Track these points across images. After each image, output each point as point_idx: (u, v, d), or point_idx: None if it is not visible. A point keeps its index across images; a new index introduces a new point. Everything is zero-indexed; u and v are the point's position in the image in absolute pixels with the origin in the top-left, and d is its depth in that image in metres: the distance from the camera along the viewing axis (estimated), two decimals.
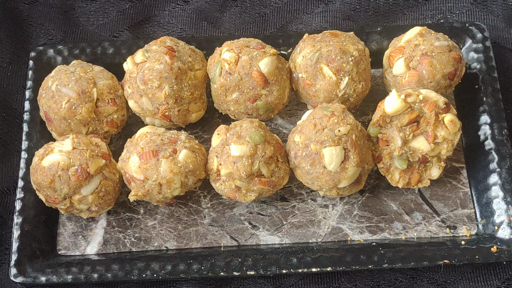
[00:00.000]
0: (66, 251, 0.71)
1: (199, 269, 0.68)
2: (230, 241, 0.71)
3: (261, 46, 0.72)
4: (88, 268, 0.69)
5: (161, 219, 0.73)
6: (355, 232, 0.72)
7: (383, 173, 0.71)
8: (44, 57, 0.79)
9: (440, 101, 0.68)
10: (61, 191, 0.67)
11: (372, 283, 0.70)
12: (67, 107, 0.70)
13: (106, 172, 0.69)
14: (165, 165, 0.67)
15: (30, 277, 0.68)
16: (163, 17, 0.87)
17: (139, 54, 0.73)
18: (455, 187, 0.74)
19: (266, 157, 0.67)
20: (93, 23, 0.87)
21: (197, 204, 0.73)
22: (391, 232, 0.72)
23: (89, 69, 0.73)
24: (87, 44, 0.80)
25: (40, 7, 0.88)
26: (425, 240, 0.71)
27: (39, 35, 0.86)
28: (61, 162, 0.67)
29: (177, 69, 0.71)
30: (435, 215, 0.72)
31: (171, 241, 0.72)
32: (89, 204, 0.69)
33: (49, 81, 0.72)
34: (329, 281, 0.70)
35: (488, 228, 0.71)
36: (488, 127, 0.74)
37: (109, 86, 0.73)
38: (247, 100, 0.72)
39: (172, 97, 0.71)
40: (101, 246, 0.71)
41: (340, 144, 0.67)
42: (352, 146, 0.67)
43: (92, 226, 0.72)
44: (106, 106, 0.72)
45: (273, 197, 0.74)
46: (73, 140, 0.68)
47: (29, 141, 0.74)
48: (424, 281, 0.70)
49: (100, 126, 0.73)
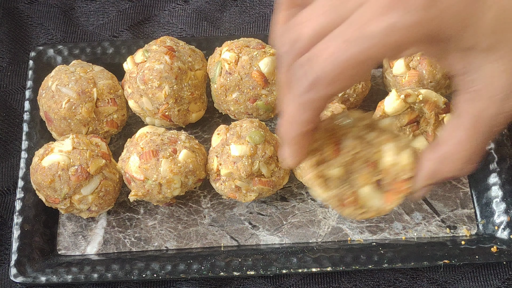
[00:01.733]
0: (66, 251, 0.71)
1: (199, 269, 0.68)
2: (230, 241, 0.71)
3: (261, 46, 0.72)
4: (88, 268, 0.69)
5: (161, 219, 0.73)
6: (355, 232, 0.72)
7: None
8: (44, 57, 0.79)
9: (440, 101, 0.68)
10: (61, 191, 0.67)
11: (372, 283, 0.70)
12: (67, 107, 0.70)
13: (106, 172, 0.69)
14: (165, 165, 0.67)
15: (30, 277, 0.68)
16: (163, 17, 0.87)
17: (139, 54, 0.73)
18: (455, 187, 0.74)
19: (266, 157, 0.67)
20: (93, 23, 0.87)
21: (197, 204, 0.73)
22: (391, 232, 0.72)
23: (89, 69, 0.73)
24: (87, 44, 0.80)
25: (40, 7, 0.88)
26: (425, 240, 0.71)
27: (39, 35, 0.86)
28: (61, 162, 0.67)
29: (177, 69, 0.71)
30: (435, 215, 0.72)
31: (171, 241, 0.72)
32: (89, 204, 0.69)
33: (49, 81, 0.72)
34: (329, 281, 0.70)
35: (488, 228, 0.71)
36: None
37: (109, 86, 0.73)
38: (247, 100, 0.72)
39: (172, 97, 0.71)
40: (101, 246, 0.71)
41: None
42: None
43: (92, 226, 0.72)
44: (106, 106, 0.72)
45: (273, 197, 0.74)
46: (73, 140, 0.68)
47: (29, 141, 0.74)
48: (424, 281, 0.70)
49: (100, 126, 0.73)
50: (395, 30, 0.42)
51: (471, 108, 0.46)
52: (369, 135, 0.54)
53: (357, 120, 0.54)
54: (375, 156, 0.54)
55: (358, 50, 0.42)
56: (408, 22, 0.42)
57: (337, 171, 0.54)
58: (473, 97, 0.46)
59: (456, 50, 0.45)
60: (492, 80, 0.44)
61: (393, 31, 0.42)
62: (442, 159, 0.49)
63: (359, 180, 0.55)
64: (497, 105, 0.45)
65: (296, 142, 0.49)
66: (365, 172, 0.55)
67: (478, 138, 0.47)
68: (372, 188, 0.55)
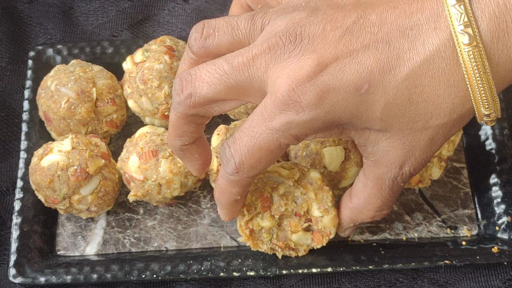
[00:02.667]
0: (65, 251, 0.71)
1: (199, 270, 0.68)
2: (230, 242, 0.71)
3: None
4: (88, 268, 0.68)
5: (160, 219, 0.72)
6: (355, 232, 0.71)
7: None
8: (43, 57, 0.79)
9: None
10: (60, 191, 0.67)
11: (373, 284, 0.70)
12: (67, 107, 0.70)
13: (106, 172, 0.68)
14: (165, 165, 0.67)
15: (29, 278, 0.68)
16: (163, 17, 0.87)
17: (139, 54, 0.72)
18: (456, 187, 0.74)
19: None
20: (92, 23, 0.87)
21: (197, 205, 0.73)
22: (391, 233, 0.71)
23: (89, 68, 0.73)
24: (86, 43, 0.80)
25: (39, 6, 0.88)
26: (426, 241, 0.71)
27: (38, 34, 0.86)
28: (61, 162, 0.66)
29: (176, 69, 0.71)
30: (436, 215, 0.72)
31: (170, 242, 0.71)
32: (88, 204, 0.69)
33: (48, 81, 0.72)
34: (330, 282, 0.70)
35: (489, 229, 0.71)
36: (489, 127, 0.74)
37: (108, 85, 0.72)
38: None
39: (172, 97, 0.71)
40: (101, 246, 0.71)
41: (340, 144, 0.67)
42: (353, 146, 0.67)
43: (92, 227, 0.72)
44: (106, 106, 0.72)
45: None
46: (73, 140, 0.68)
47: (28, 141, 0.74)
48: (425, 281, 0.70)
49: (99, 126, 0.73)
50: (292, 126, 0.50)
51: (373, 172, 0.56)
52: (296, 191, 0.64)
53: (286, 178, 0.63)
54: (302, 209, 0.64)
55: (267, 142, 0.51)
56: (302, 120, 0.50)
57: (268, 223, 0.64)
58: (374, 164, 0.55)
59: (354, 130, 0.53)
60: (387, 153, 0.53)
61: (291, 127, 0.50)
62: (356, 210, 0.61)
63: (290, 225, 0.65)
64: (395, 170, 0.54)
65: (228, 208, 0.60)
66: (294, 220, 0.64)
67: (383, 195, 0.57)
68: (302, 232, 0.65)
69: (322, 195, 0.63)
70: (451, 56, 0.48)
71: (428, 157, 0.54)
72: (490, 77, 0.48)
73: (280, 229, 0.65)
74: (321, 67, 0.48)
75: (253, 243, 0.65)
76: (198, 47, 0.54)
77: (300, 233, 0.65)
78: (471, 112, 0.50)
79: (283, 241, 0.65)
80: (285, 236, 0.65)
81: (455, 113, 0.50)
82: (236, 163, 0.53)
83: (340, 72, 0.48)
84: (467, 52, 0.47)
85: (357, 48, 0.48)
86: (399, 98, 0.49)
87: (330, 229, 0.64)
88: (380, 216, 0.60)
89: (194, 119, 0.56)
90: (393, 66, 0.48)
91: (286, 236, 0.65)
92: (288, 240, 0.65)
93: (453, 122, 0.51)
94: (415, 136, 0.52)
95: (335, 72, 0.48)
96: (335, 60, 0.48)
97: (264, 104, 0.51)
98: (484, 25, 0.47)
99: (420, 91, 0.49)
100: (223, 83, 0.52)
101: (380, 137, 0.52)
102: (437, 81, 0.48)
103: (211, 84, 0.52)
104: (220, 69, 0.52)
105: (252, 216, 0.64)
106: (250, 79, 0.51)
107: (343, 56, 0.48)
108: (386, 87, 0.49)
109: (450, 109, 0.50)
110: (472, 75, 0.47)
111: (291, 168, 0.63)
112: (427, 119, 0.50)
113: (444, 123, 0.51)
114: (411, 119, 0.50)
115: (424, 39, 0.48)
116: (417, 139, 0.52)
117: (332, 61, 0.48)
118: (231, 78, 0.51)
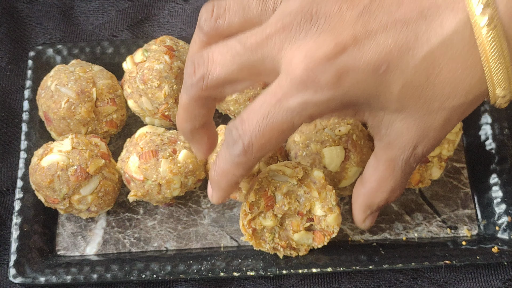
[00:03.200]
0: (65, 251, 0.71)
1: (199, 270, 0.68)
2: (230, 242, 0.71)
3: None
4: (88, 268, 0.68)
5: (160, 219, 0.72)
6: (355, 232, 0.71)
7: None
8: (43, 57, 0.79)
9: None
10: (60, 191, 0.67)
11: (373, 284, 0.70)
12: (67, 107, 0.70)
13: (106, 172, 0.68)
14: (165, 165, 0.67)
15: (29, 278, 0.68)
16: (163, 17, 0.87)
17: (139, 54, 0.72)
18: (456, 187, 0.74)
19: (266, 157, 0.67)
20: (92, 23, 0.87)
21: (197, 205, 0.73)
22: (391, 233, 0.71)
23: (89, 68, 0.73)
24: (86, 43, 0.80)
25: (39, 6, 0.88)
26: (426, 241, 0.70)
27: (38, 34, 0.86)
28: (61, 162, 0.66)
29: (176, 69, 0.71)
30: (436, 215, 0.72)
31: (170, 242, 0.71)
32: (88, 204, 0.69)
33: (48, 81, 0.72)
34: (330, 282, 0.70)
35: (489, 229, 0.71)
36: (489, 127, 0.74)
37: (108, 85, 0.72)
38: (247, 100, 0.72)
39: (172, 97, 0.71)
40: (101, 246, 0.71)
41: (340, 144, 0.67)
42: (353, 146, 0.67)
43: (92, 227, 0.72)
44: (106, 106, 0.72)
45: None
46: (73, 140, 0.68)
47: (28, 141, 0.74)
48: (425, 281, 0.70)
49: (99, 126, 0.73)
50: (309, 106, 0.49)
51: (386, 155, 0.55)
52: (299, 190, 0.64)
53: (289, 177, 0.63)
54: (305, 208, 0.64)
55: (280, 121, 0.50)
56: (320, 100, 0.49)
57: (270, 223, 0.64)
58: (387, 146, 0.55)
59: (369, 110, 0.52)
60: (401, 134, 0.53)
61: (307, 107, 0.49)
62: (370, 194, 0.59)
63: (292, 225, 0.65)
64: (408, 152, 0.54)
65: (226, 190, 0.58)
66: (297, 219, 0.65)
67: (396, 176, 0.56)
68: (304, 231, 0.65)
69: (326, 194, 0.64)
70: (469, 37, 0.47)
71: (441, 137, 0.53)
72: (508, 58, 0.47)
73: (282, 229, 0.65)
74: (339, 48, 0.48)
75: (256, 243, 0.65)
76: (209, 28, 0.53)
77: (302, 232, 0.65)
78: (486, 93, 0.50)
79: (285, 241, 0.65)
80: (287, 236, 0.65)
81: (471, 94, 0.50)
82: (245, 144, 0.52)
83: (359, 53, 0.48)
84: (486, 33, 0.46)
85: (375, 29, 0.48)
86: (417, 79, 0.49)
87: (334, 227, 0.65)
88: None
89: (206, 101, 0.55)
90: (411, 46, 0.48)
91: (288, 236, 0.65)
92: (290, 240, 0.66)
93: (468, 103, 0.50)
94: (430, 117, 0.51)
95: (354, 53, 0.48)
96: (354, 40, 0.48)
97: (278, 84, 0.50)
98: (502, 6, 0.46)
99: (438, 72, 0.48)
100: (236, 64, 0.51)
101: (395, 118, 0.52)
102: (455, 62, 0.48)
103: (223, 65, 0.51)
104: (233, 50, 0.51)
105: (255, 215, 0.64)
106: (263, 59, 0.50)
107: (361, 37, 0.48)
108: (405, 67, 0.48)
109: (466, 91, 0.49)
110: (490, 56, 0.47)
111: (294, 167, 0.63)
112: (443, 100, 0.50)
113: (460, 105, 0.50)
114: (428, 100, 0.50)
115: (442, 20, 0.47)
116: (432, 120, 0.51)
117: (351, 42, 0.48)
118: (244, 58, 0.51)
